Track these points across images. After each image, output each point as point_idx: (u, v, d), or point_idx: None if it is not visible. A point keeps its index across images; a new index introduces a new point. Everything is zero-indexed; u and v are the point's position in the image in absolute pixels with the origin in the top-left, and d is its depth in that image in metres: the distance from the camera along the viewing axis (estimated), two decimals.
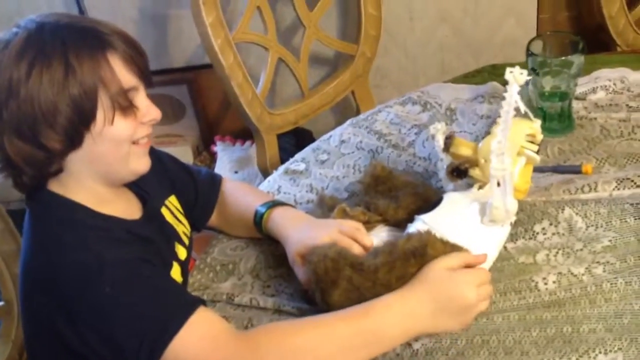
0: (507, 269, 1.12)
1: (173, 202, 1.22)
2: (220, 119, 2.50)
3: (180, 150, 2.40)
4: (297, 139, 2.18)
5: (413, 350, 1.02)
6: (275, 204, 1.23)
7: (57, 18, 0.99)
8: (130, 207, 1.11)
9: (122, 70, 0.98)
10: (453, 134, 1.17)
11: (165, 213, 1.18)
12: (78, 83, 0.95)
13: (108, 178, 1.04)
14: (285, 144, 2.08)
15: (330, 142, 1.53)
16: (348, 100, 2.19)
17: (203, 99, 2.45)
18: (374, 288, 1.02)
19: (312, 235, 1.12)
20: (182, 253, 1.17)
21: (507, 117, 1.05)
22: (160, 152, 1.24)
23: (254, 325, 1.12)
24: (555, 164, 1.32)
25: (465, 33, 2.29)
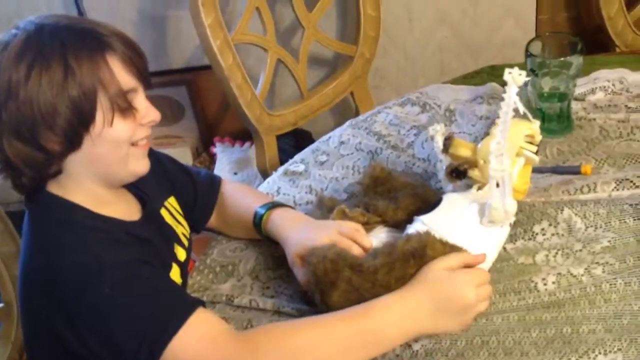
0: (506, 270, 1.12)
1: (172, 203, 1.22)
2: (220, 120, 2.50)
3: (180, 152, 2.40)
4: (296, 140, 2.18)
5: (413, 351, 1.02)
6: (275, 206, 1.23)
7: (56, 19, 0.99)
8: (130, 208, 1.11)
9: (121, 72, 0.98)
10: (452, 135, 1.17)
11: (165, 214, 1.18)
12: (77, 85, 0.95)
13: (107, 179, 1.04)
14: (285, 145, 2.08)
15: (330, 143, 1.53)
16: (347, 101, 2.19)
17: (202, 100, 2.45)
18: (374, 289, 1.02)
19: (311, 237, 1.12)
20: (181, 254, 1.17)
21: (505, 118, 1.05)
22: (160, 153, 1.24)
23: (254, 327, 1.12)
24: (555, 165, 1.32)
25: (464, 34, 2.29)
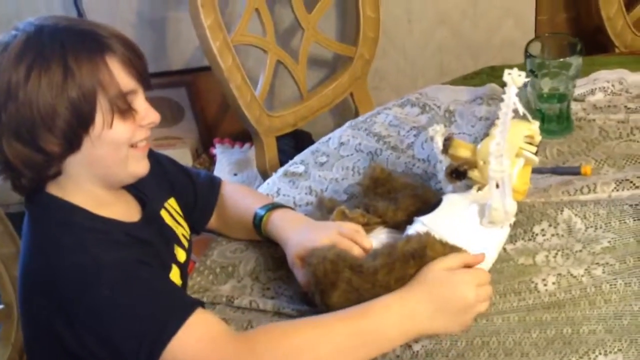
0: (506, 271, 1.12)
1: (172, 204, 1.22)
2: (219, 122, 2.50)
3: (179, 153, 2.40)
4: (296, 141, 2.18)
5: (413, 352, 1.02)
6: (275, 207, 1.23)
7: (56, 21, 0.99)
8: (129, 209, 1.11)
9: (120, 74, 0.98)
10: (452, 136, 1.17)
11: (165, 216, 1.18)
12: (77, 86, 0.95)
13: (107, 181, 1.04)
14: (284, 146, 2.08)
15: (329, 144, 1.53)
16: (347, 103, 2.19)
17: (202, 102, 2.45)
18: (373, 290, 1.02)
19: (311, 238, 1.12)
20: (181, 255, 1.17)
21: (505, 118, 1.05)
22: (159, 154, 1.24)
23: (254, 328, 1.12)
24: (554, 166, 1.32)
25: (464, 35, 2.29)
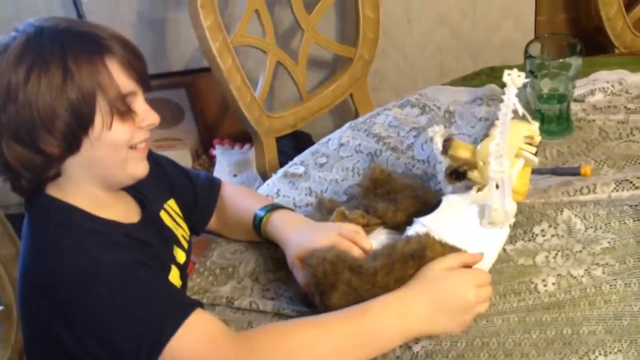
0: (506, 271, 1.12)
1: (172, 205, 1.22)
2: (219, 123, 2.50)
3: (179, 154, 2.40)
4: (296, 142, 2.18)
5: (413, 353, 1.02)
6: (275, 208, 1.23)
7: (55, 22, 0.99)
8: (129, 211, 1.11)
9: (120, 75, 0.98)
10: (451, 137, 1.17)
11: (164, 217, 1.18)
12: (76, 88, 0.95)
13: (106, 182, 1.04)
14: (284, 147, 2.08)
15: (329, 145, 1.53)
16: (346, 103, 2.19)
17: (201, 103, 2.45)
18: (373, 290, 1.02)
19: (311, 239, 1.12)
20: (181, 257, 1.17)
21: (505, 119, 1.05)
22: (159, 155, 1.25)
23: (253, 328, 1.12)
24: (554, 166, 1.32)
25: (463, 36, 2.29)
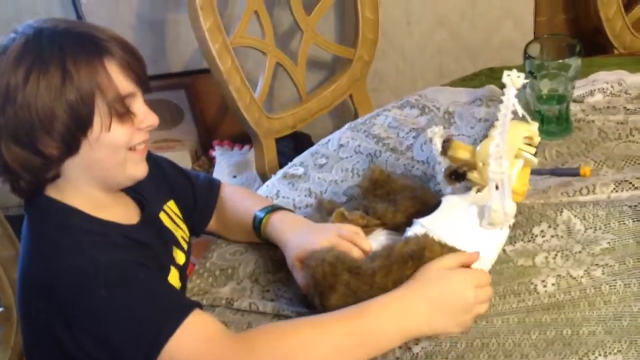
0: (506, 272, 1.12)
1: (172, 207, 1.22)
2: (219, 124, 2.50)
3: (179, 155, 2.40)
4: (295, 143, 2.18)
5: (413, 354, 1.02)
6: (274, 209, 1.23)
7: (54, 24, 0.99)
8: (128, 212, 1.11)
9: (119, 77, 0.98)
10: (451, 138, 1.17)
11: (164, 218, 1.18)
12: (75, 89, 0.95)
13: (105, 183, 1.04)
14: (284, 148, 2.08)
15: (329, 146, 1.53)
16: (346, 104, 2.19)
17: (201, 104, 2.45)
18: (371, 292, 1.02)
19: (311, 240, 1.12)
20: (180, 258, 1.17)
21: (504, 120, 1.05)
22: (159, 157, 1.25)
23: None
24: (553, 167, 1.32)
25: (463, 36, 2.29)
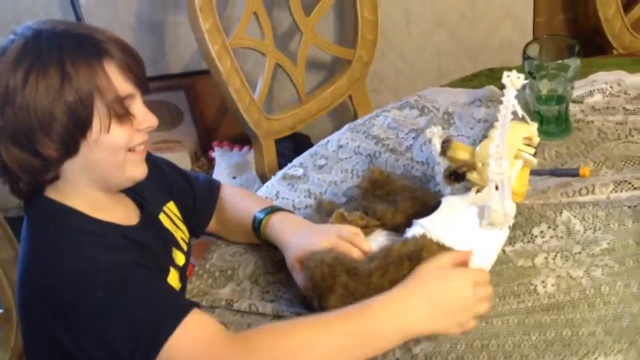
0: (505, 273, 1.12)
1: (171, 208, 1.22)
2: (218, 125, 2.50)
3: (178, 156, 2.40)
4: (295, 144, 2.18)
5: (413, 355, 1.02)
6: (274, 210, 1.23)
7: (54, 25, 0.99)
8: (128, 213, 1.11)
9: (118, 78, 0.98)
10: (450, 138, 1.17)
11: (163, 219, 1.18)
12: (74, 91, 0.95)
13: (105, 185, 1.04)
14: (283, 149, 2.08)
15: (328, 147, 1.53)
16: (345, 105, 2.19)
17: (200, 105, 2.45)
18: (368, 293, 1.01)
19: (311, 241, 1.12)
20: (180, 259, 1.17)
21: (504, 120, 1.05)
22: (158, 158, 1.24)
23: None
24: (553, 168, 1.32)
25: (462, 37, 2.29)
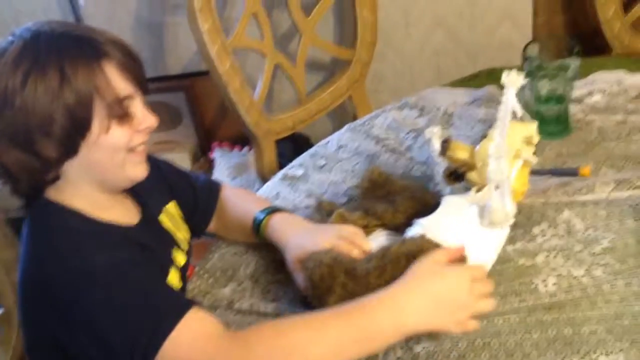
0: (506, 272, 1.12)
1: (172, 208, 1.22)
2: (218, 126, 2.50)
3: (178, 157, 2.40)
4: (294, 145, 2.18)
5: (414, 354, 1.02)
6: (274, 210, 1.23)
7: (52, 27, 0.99)
8: (128, 213, 1.11)
9: (117, 79, 0.98)
10: (449, 138, 1.17)
11: (164, 219, 1.18)
12: (73, 92, 0.95)
13: (105, 185, 1.04)
14: (283, 150, 2.08)
15: (328, 147, 1.53)
16: (345, 106, 2.19)
17: (200, 106, 2.45)
18: (367, 293, 1.01)
19: (311, 241, 1.12)
20: (180, 259, 1.17)
21: (504, 120, 1.05)
22: (159, 159, 1.24)
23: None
24: (553, 167, 1.32)
25: (461, 38, 2.30)
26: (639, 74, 1.51)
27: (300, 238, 1.15)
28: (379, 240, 1.16)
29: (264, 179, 1.87)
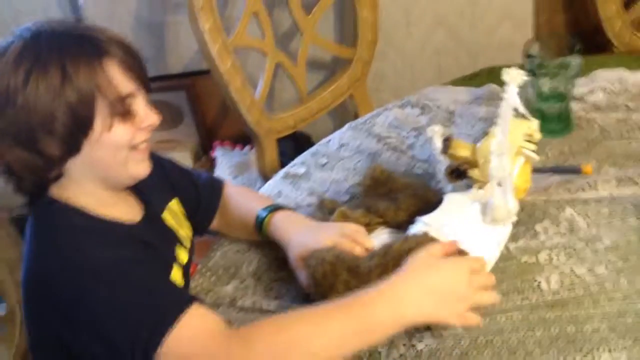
0: (509, 269, 1.12)
1: (175, 206, 1.22)
2: (219, 125, 2.50)
3: (180, 156, 2.40)
4: (296, 144, 2.18)
5: (417, 351, 1.02)
6: (276, 208, 1.23)
7: (53, 25, 0.99)
8: (131, 210, 1.11)
9: (119, 77, 0.98)
10: (451, 136, 1.17)
11: (167, 217, 1.18)
12: (75, 90, 0.95)
13: (108, 182, 1.04)
14: (285, 148, 2.08)
15: (330, 145, 1.53)
16: (346, 105, 2.19)
17: (201, 105, 2.45)
18: None
19: (313, 239, 1.12)
20: (183, 256, 1.17)
21: (505, 117, 1.05)
22: (161, 156, 1.25)
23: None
24: (555, 165, 1.32)
25: (462, 37, 2.30)
26: None
27: (303, 236, 1.15)
28: (381, 238, 1.16)
29: (266, 178, 1.87)
